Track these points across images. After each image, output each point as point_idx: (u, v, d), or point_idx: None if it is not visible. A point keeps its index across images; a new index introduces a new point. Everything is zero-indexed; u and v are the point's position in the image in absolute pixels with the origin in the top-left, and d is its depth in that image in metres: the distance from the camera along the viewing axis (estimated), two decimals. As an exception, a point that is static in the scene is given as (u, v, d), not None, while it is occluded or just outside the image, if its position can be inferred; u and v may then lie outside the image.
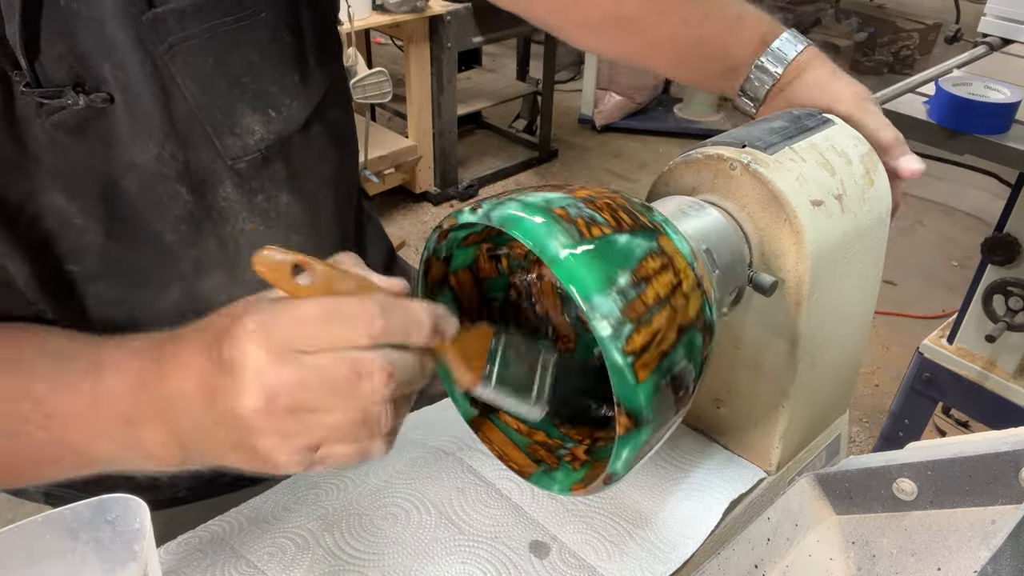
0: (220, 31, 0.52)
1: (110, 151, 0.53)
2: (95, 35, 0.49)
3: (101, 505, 0.45)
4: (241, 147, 0.56)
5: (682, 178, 0.58)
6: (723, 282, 0.53)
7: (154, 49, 0.50)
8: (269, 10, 0.54)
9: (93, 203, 0.54)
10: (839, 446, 0.75)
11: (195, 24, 0.51)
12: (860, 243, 0.60)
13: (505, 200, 0.43)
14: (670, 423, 0.46)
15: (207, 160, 0.56)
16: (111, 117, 0.52)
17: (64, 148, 0.51)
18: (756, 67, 0.66)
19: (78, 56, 0.49)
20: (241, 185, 0.58)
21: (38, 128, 0.50)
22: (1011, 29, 1.23)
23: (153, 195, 0.55)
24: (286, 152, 0.59)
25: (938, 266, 2.86)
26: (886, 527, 0.51)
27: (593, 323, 0.40)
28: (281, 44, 0.56)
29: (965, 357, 1.41)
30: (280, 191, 0.60)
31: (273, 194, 0.60)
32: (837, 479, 0.54)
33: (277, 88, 0.56)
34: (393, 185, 3.00)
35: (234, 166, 0.57)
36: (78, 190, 0.53)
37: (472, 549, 0.57)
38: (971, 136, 1.05)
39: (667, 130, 3.79)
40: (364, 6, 2.48)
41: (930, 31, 4.49)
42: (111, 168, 0.53)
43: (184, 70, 0.52)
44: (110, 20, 0.49)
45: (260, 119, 0.56)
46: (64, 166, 0.52)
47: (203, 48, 0.52)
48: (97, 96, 0.50)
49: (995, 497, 0.46)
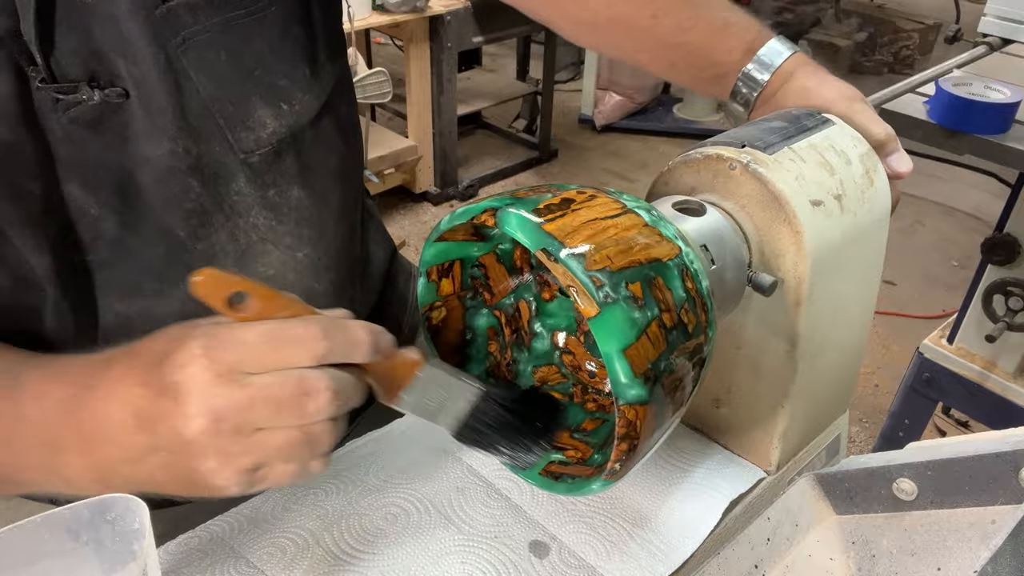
0: (233, 24, 0.52)
1: (126, 145, 0.53)
2: (109, 30, 0.49)
3: (101, 505, 0.45)
4: (254, 141, 0.56)
5: (682, 178, 0.58)
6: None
7: (167, 43, 0.50)
8: (280, 4, 0.54)
9: (108, 195, 0.54)
10: (839, 446, 0.75)
11: (208, 17, 0.51)
12: (860, 243, 0.60)
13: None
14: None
15: (220, 154, 0.56)
16: (127, 112, 0.52)
17: (80, 142, 0.52)
18: (743, 74, 0.66)
19: (93, 51, 0.50)
20: (253, 179, 0.58)
21: (55, 122, 0.50)
22: (1011, 29, 1.23)
23: (166, 189, 0.55)
24: (297, 145, 0.60)
25: (938, 266, 2.86)
26: (886, 527, 0.51)
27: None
28: (292, 38, 0.56)
29: (965, 357, 1.42)
30: (291, 185, 0.60)
31: (284, 188, 0.60)
32: (837, 479, 0.54)
33: (289, 81, 0.57)
34: (393, 185, 3.00)
35: (247, 160, 0.57)
36: (94, 182, 0.53)
37: (472, 549, 0.57)
38: (971, 136, 1.05)
39: (667, 130, 3.79)
40: (364, 6, 2.48)
41: (930, 31, 4.49)
42: (126, 162, 0.53)
43: (197, 64, 0.52)
44: (124, 15, 0.49)
45: (272, 112, 0.56)
46: (81, 159, 0.52)
47: (216, 41, 0.52)
48: (112, 91, 0.50)
49: (995, 497, 0.46)
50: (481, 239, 0.53)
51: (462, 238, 0.52)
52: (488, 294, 0.56)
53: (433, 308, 0.55)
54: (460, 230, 0.51)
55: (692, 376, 0.46)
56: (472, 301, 0.56)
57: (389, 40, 3.63)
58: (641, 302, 0.42)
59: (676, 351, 0.43)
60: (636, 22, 0.69)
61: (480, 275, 0.56)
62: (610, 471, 0.45)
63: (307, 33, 0.57)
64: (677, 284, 0.44)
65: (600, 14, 0.70)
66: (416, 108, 2.85)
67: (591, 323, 0.41)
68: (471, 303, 0.56)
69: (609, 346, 0.41)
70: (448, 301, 0.55)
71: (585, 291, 0.41)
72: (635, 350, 0.41)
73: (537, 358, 0.57)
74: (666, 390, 0.43)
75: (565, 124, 3.85)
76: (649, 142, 3.74)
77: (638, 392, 0.41)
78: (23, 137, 0.50)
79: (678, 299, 0.44)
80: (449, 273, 0.54)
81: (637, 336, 0.41)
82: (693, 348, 0.45)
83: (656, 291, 0.43)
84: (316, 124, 0.60)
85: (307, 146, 0.60)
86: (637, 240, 0.44)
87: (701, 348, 0.46)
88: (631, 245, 0.43)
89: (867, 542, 0.51)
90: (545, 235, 0.42)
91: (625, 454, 0.43)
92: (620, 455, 0.43)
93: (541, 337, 0.57)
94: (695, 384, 0.47)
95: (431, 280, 0.54)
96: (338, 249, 0.68)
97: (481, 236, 0.53)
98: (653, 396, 0.42)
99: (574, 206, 0.44)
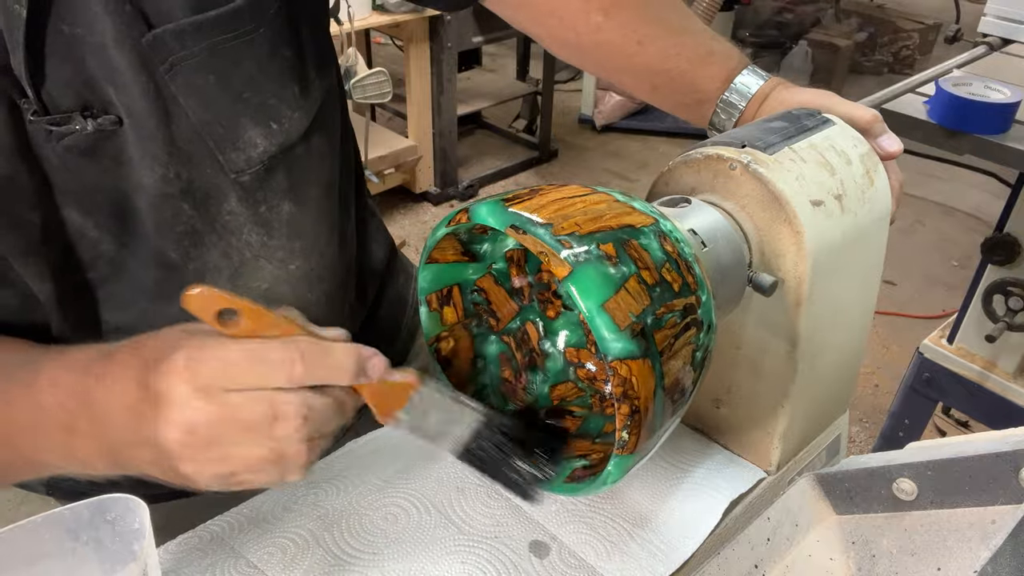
0: (220, 48, 0.52)
1: (121, 170, 0.53)
2: (99, 59, 0.49)
3: (101, 505, 0.45)
4: (244, 160, 0.56)
5: (682, 178, 0.58)
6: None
7: (155, 70, 0.51)
8: (268, 26, 0.54)
9: (106, 218, 0.55)
10: (839, 446, 0.75)
11: (195, 42, 0.51)
12: (860, 243, 0.60)
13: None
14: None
15: (210, 176, 0.56)
16: (121, 138, 0.52)
17: (76, 169, 0.52)
18: (721, 101, 0.69)
19: (85, 81, 0.50)
20: (245, 198, 0.58)
21: (50, 151, 0.51)
22: (1011, 29, 1.23)
23: (158, 214, 0.56)
24: (288, 162, 0.60)
25: (938, 266, 2.86)
26: (886, 527, 0.51)
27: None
28: (281, 58, 0.56)
29: (965, 357, 1.42)
30: (282, 200, 0.61)
31: (275, 204, 0.60)
32: (837, 479, 0.54)
33: (278, 100, 0.57)
34: (393, 185, 3.00)
35: (238, 179, 0.57)
36: (92, 207, 0.54)
37: (472, 549, 0.57)
38: (971, 136, 1.05)
39: (667, 130, 3.79)
40: (364, 6, 2.48)
41: (930, 31, 4.49)
42: (123, 186, 0.54)
43: (185, 89, 0.52)
44: (111, 44, 0.49)
45: (262, 132, 0.56)
46: (77, 186, 0.53)
47: (203, 66, 0.52)
48: (105, 119, 0.51)
49: (995, 497, 0.46)
50: (472, 259, 0.53)
51: (453, 258, 0.52)
52: (493, 320, 0.56)
53: (440, 339, 0.54)
54: (449, 248, 0.51)
55: (690, 339, 0.44)
56: (479, 328, 0.56)
57: (389, 40, 3.63)
58: (615, 260, 0.42)
59: (663, 307, 0.42)
60: (622, 47, 0.70)
61: (481, 300, 0.55)
62: (619, 442, 0.43)
63: (296, 53, 0.57)
64: (654, 246, 0.44)
65: (586, 37, 0.71)
66: (416, 108, 2.85)
67: (565, 284, 0.40)
68: (478, 330, 0.56)
69: (586, 302, 0.40)
70: (454, 331, 0.55)
71: (555, 253, 0.41)
72: (614, 304, 0.40)
73: (553, 377, 0.57)
74: (659, 346, 0.42)
75: (565, 124, 3.85)
76: (649, 142, 3.74)
77: (625, 345, 0.40)
78: (19, 168, 0.50)
79: (657, 259, 0.43)
80: (450, 300, 0.54)
81: (615, 290, 0.41)
82: (683, 307, 0.44)
83: (631, 251, 0.43)
84: (306, 139, 0.60)
85: (297, 161, 0.61)
86: (607, 211, 0.44)
87: (693, 309, 0.45)
88: (601, 215, 0.44)
89: (867, 542, 0.51)
90: (513, 214, 0.43)
91: (629, 418, 0.42)
92: (624, 420, 0.42)
93: (553, 356, 0.57)
94: (698, 351, 0.45)
95: (433, 310, 0.53)
96: (331, 258, 0.68)
97: (472, 256, 0.53)
98: (645, 352, 0.41)
99: (542, 192, 0.45)
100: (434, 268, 0.52)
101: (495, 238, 0.53)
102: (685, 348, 0.44)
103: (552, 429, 0.55)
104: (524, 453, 0.49)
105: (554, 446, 0.52)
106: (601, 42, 0.71)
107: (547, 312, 0.56)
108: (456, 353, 0.55)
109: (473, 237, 0.52)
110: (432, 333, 0.54)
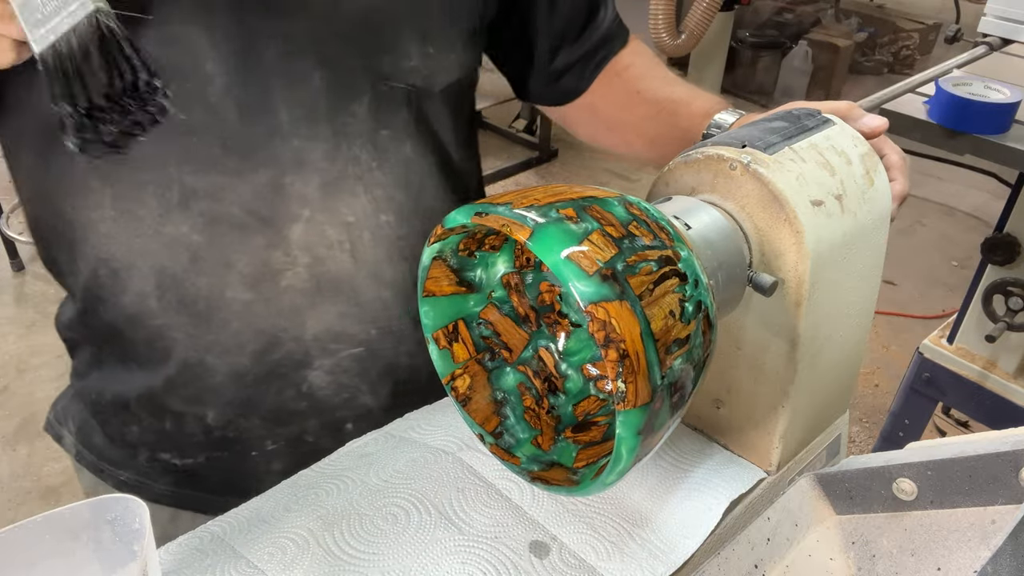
0: None
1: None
2: None
3: (101, 505, 0.45)
4: (390, 66, 0.56)
5: (682, 178, 0.58)
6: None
7: None
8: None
9: (233, 59, 0.54)
10: (839, 446, 0.75)
11: None
12: (860, 243, 0.60)
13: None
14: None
15: (350, 69, 0.56)
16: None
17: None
18: (703, 136, 0.73)
19: None
20: (373, 109, 0.57)
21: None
22: (1011, 29, 1.24)
23: (289, 70, 0.55)
24: (421, 106, 0.59)
25: (938, 266, 2.86)
26: (886, 527, 0.51)
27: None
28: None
29: (965, 357, 1.42)
30: (403, 140, 0.60)
31: (397, 136, 0.60)
32: (837, 479, 0.54)
33: (448, 29, 0.57)
34: (393, 185, 3.00)
35: (375, 84, 0.56)
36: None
37: (472, 549, 0.57)
38: (971, 136, 1.05)
39: (667, 130, 3.79)
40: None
41: (930, 31, 4.49)
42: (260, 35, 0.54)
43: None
44: None
45: (418, 51, 0.56)
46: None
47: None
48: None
49: (995, 497, 0.46)
50: (469, 289, 0.53)
51: (449, 289, 0.52)
52: (506, 351, 0.56)
53: (455, 377, 0.54)
54: (442, 278, 0.51)
55: (672, 288, 0.43)
56: (493, 363, 0.56)
57: (389, 40, 3.63)
58: (576, 219, 0.42)
59: (635, 256, 0.42)
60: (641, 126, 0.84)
61: (490, 332, 0.55)
62: (618, 396, 0.41)
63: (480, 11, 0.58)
64: (620, 210, 0.44)
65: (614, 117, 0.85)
66: (416, 108, 2.85)
67: (528, 247, 0.41)
68: (493, 364, 0.56)
69: (550, 256, 0.40)
70: (468, 367, 0.55)
71: (515, 221, 0.41)
72: (579, 254, 0.40)
73: (575, 396, 0.56)
74: (637, 291, 0.41)
75: (565, 124, 3.85)
76: (649, 142, 3.74)
77: (597, 288, 0.40)
78: None
79: (622, 218, 0.43)
80: (457, 336, 0.54)
81: (578, 242, 0.41)
82: (659, 258, 0.43)
83: (592, 212, 0.43)
84: (444, 96, 0.60)
85: (429, 113, 0.60)
86: (567, 191, 0.45)
87: (671, 261, 0.44)
88: (561, 192, 0.45)
89: (867, 542, 0.51)
90: (476, 206, 0.44)
91: (620, 364, 0.40)
92: (615, 367, 0.40)
93: (572, 377, 0.56)
94: (687, 303, 0.44)
95: (443, 348, 0.53)
96: (414, 247, 0.66)
97: (468, 286, 0.53)
98: (621, 294, 0.40)
99: (513, 191, 0.46)
100: (432, 302, 0.52)
101: (485, 263, 0.53)
102: (669, 296, 0.43)
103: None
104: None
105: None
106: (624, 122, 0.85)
107: (557, 333, 0.56)
108: (474, 390, 0.55)
109: (463, 263, 0.52)
110: (446, 372, 0.54)
